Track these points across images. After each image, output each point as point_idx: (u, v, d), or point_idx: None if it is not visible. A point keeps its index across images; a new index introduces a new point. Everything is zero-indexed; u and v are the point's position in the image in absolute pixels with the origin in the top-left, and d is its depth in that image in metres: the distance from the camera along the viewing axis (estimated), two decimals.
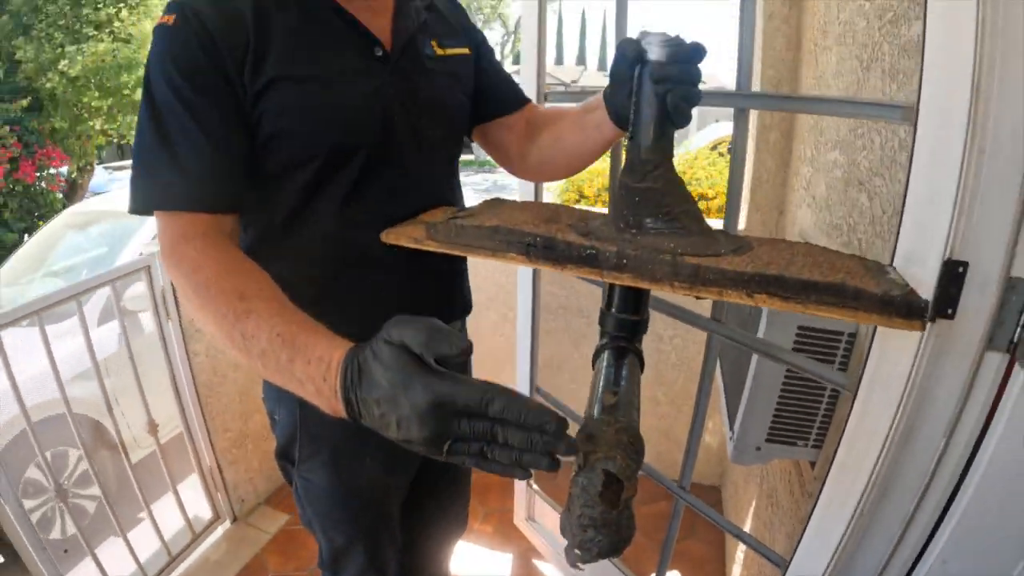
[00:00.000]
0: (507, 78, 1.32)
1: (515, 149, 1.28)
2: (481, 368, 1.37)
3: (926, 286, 0.88)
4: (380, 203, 1.07)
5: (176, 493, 2.49)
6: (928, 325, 0.90)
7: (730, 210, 1.38)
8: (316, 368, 0.73)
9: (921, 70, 0.89)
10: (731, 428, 1.62)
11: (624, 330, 0.89)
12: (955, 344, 0.92)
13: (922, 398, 0.95)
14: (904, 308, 0.72)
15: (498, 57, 1.38)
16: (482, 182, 20.02)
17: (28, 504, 3.06)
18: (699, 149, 7.86)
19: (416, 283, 1.14)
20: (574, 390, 1.25)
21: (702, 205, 5.53)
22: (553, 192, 6.56)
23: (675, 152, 0.89)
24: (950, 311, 0.90)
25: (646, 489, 2.46)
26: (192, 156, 0.93)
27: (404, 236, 0.99)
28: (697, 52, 0.84)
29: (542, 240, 0.85)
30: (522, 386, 2.02)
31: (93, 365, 2.15)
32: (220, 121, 0.94)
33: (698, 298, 0.82)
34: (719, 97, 1.45)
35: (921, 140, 0.89)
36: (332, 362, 0.72)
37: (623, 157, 0.94)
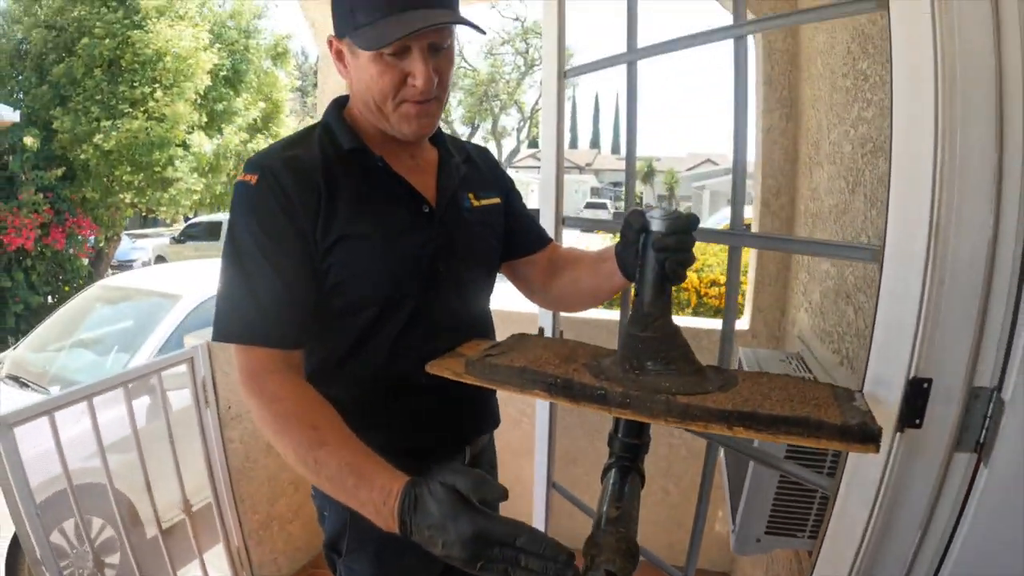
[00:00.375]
0: (532, 220, 1.50)
1: (538, 283, 1.44)
2: (500, 460, 1.52)
3: (893, 402, 1.00)
4: (426, 339, 1.21)
5: (203, 564, 2.55)
6: (897, 435, 1.03)
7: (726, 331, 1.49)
8: (379, 495, 0.90)
9: (886, 215, 1.02)
10: (733, 521, 1.69)
11: (628, 452, 1.04)
12: (925, 448, 1.04)
13: (896, 497, 1.06)
14: (859, 435, 0.84)
15: (514, 142, 1.55)
16: None
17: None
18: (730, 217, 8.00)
19: (454, 405, 1.26)
20: (588, 482, 1.32)
21: (714, 291, 5.63)
22: None
23: None
24: (917, 421, 1.03)
25: None
26: (270, 299, 1.08)
27: (446, 369, 1.13)
28: (691, 223, 1.01)
29: (561, 381, 1.00)
30: (539, 480, 2.11)
31: (138, 454, 2.28)
32: (294, 269, 1.10)
33: (687, 430, 0.96)
34: (717, 235, 1.59)
35: (886, 278, 1.01)
36: (392, 491, 0.89)
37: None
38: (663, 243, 0.98)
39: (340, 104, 1.27)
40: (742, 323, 2.67)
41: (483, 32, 1.20)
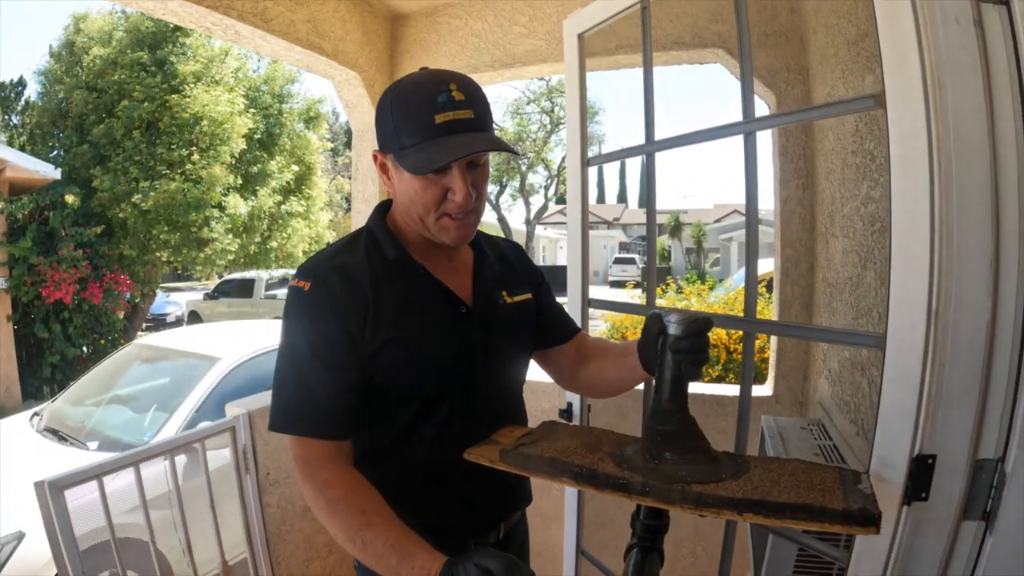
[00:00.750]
0: (561, 312, 1.59)
1: (567, 371, 1.55)
2: (532, 525, 1.59)
3: (899, 478, 1.07)
4: (466, 429, 1.29)
5: None
6: (904, 508, 1.09)
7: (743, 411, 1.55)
8: (419, 573, 1.00)
9: (888, 303, 1.09)
10: None
11: (649, 533, 1.12)
12: (932, 519, 1.10)
13: (906, 567, 1.13)
14: (860, 520, 0.91)
15: (542, 199, 1.64)
16: None
17: None
18: (739, 289, 8.03)
19: (489, 487, 1.35)
20: (617, 545, 1.35)
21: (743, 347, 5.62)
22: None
23: (718, 291, 1.15)
24: (924, 494, 1.10)
25: None
26: (322, 395, 1.18)
27: (482, 457, 1.22)
28: (705, 326, 1.10)
29: (587, 471, 1.10)
30: (568, 547, 2.16)
31: (179, 514, 2.37)
32: (344, 369, 1.20)
33: (701, 516, 1.04)
34: (733, 322, 1.66)
35: (889, 364, 1.09)
36: (432, 571, 0.99)
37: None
38: (679, 346, 1.08)
39: (383, 209, 1.38)
40: (765, 389, 2.71)
41: (518, 154, 1.32)
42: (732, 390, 2.78)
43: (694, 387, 2.87)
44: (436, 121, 1.14)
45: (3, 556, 3.22)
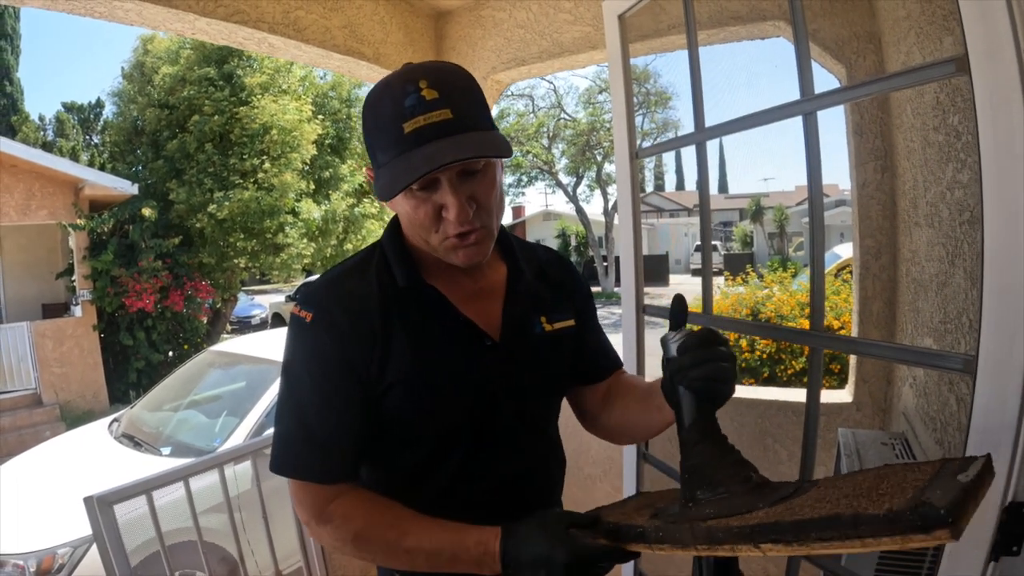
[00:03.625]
0: (604, 344, 1.37)
1: (591, 411, 1.34)
2: None
3: (987, 529, 0.87)
4: (487, 468, 1.15)
5: None
6: (991, 564, 0.88)
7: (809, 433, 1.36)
8: (475, 549, 0.97)
9: (979, 319, 0.89)
10: None
11: None
12: None
13: None
14: (911, 524, 0.64)
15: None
16: (608, 316, 19.92)
17: None
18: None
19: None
20: (680, 561, 1.21)
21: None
22: None
23: (801, 278, 0.96)
24: (1015, 548, 0.90)
25: None
26: (324, 436, 1.07)
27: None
28: (704, 338, 0.96)
29: (612, 527, 0.94)
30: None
31: (230, 518, 2.34)
32: (348, 408, 1.08)
33: (717, 559, 0.91)
34: (796, 336, 1.47)
35: (980, 393, 0.88)
36: (488, 541, 0.96)
37: None
38: (677, 364, 0.96)
39: (399, 227, 1.18)
40: (844, 395, 2.47)
41: (507, 155, 1.03)
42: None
43: (765, 393, 2.68)
44: (405, 131, 0.97)
45: (75, 558, 3.34)
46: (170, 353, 11.24)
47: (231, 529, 2.36)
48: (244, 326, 17.37)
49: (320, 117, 12.52)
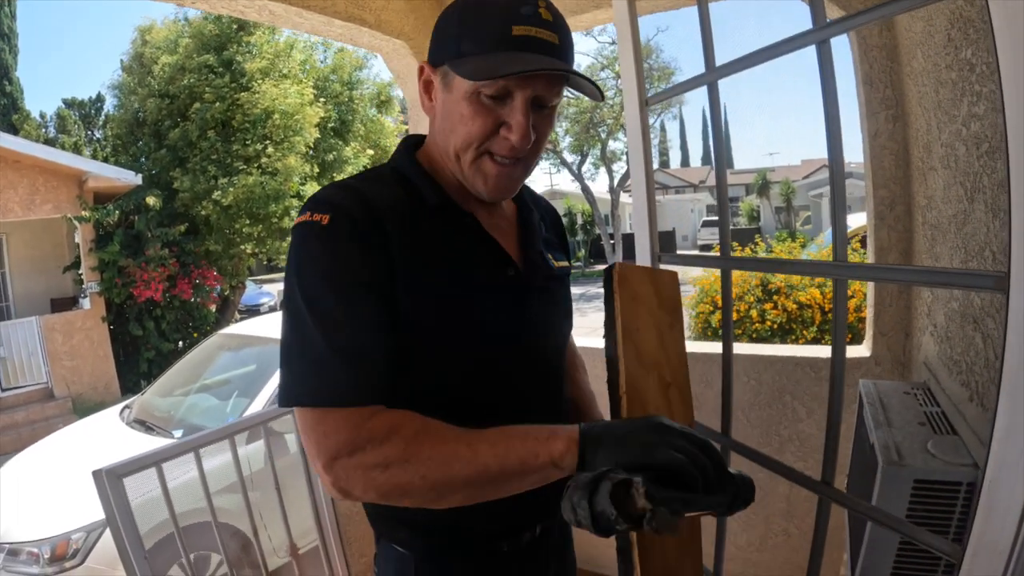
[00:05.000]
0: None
1: None
2: None
3: None
4: (511, 409, 1.02)
5: None
6: None
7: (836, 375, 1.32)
8: (556, 438, 0.86)
9: (1009, 236, 0.84)
10: None
11: None
12: None
13: None
14: None
15: (624, 167, 1.43)
16: None
17: None
18: (832, 246, 7.60)
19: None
20: None
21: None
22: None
23: (810, 249, 0.92)
24: None
25: None
26: (354, 349, 0.92)
27: None
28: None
29: None
30: None
31: (242, 491, 2.31)
32: (376, 316, 0.95)
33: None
34: (817, 267, 1.42)
35: (1015, 309, 0.84)
36: (573, 429, 0.86)
37: None
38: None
39: (412, 146, 1.14)
40: (862, 350, 2.42)
41: (602, 97, 1.04)
42: (826, 351, 2.50)
43: (783, 350, 2.64)
44: (513, 32, 0.91)
45: (89, 543, 3.37)
46: (180, 342, 11.28)
47: (245, 507, 2.33)
48: (253, 314, 17.40)
49: (322, 100, 12.48)
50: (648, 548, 0.90)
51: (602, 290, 1.26)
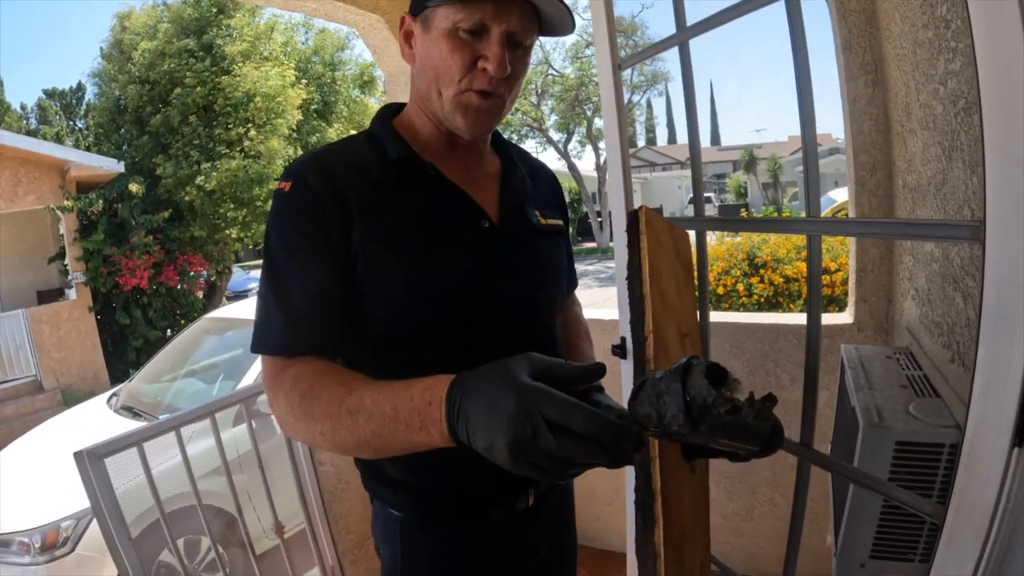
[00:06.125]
0: (572, 263, 1.38)
1: None
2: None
3: (1007, 411, 0.81)
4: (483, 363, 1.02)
5: None
6: (1015, 450, 0.82)
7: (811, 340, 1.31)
8: (420, 397, 0.79)
9: (983, 187, 0.82)
10: (835, 544, 1.50)
11: None
12: None
13: (1016, 524, 0.85)
14: None
15: None
16: (604, 270, 19.98)
17: None
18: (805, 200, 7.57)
19: None
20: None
21: (825, 279, 5.31)
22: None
23: None
24: None
25: None
26: (303, 305, 0.99)
27: None
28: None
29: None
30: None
31: (226, 472, 2.27)
32: (324, 276, 1.00)
33: None
34: (788, 224, 1.41)
35: (991, 260, 0.82)
36: (438, 387, 0.78)
37: None
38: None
39: (390, 112, 1.18)
40: (844, 317, 2.42)
41: (573, 25, 1.07)
42: (803, 319, 2.49)
43: (765, 318, 2.63)
44: None
45: (79, 530, 3.36)
46: (168, 330, 11.19)
47: (229, 487, 2.31)
48: (240, 299, 17.31)
49: (304, 82, 12.36)
50: (670, 503, 0.88)
51: (590, 267, 1.24)
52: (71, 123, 20.81)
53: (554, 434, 0.67)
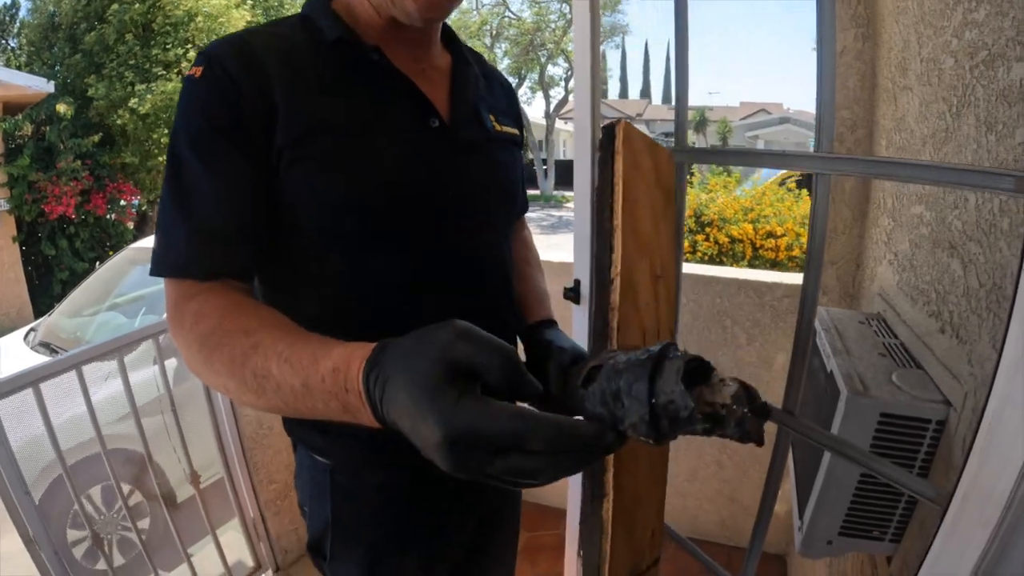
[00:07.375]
0: (523, 182, 1.23)
1: None
2: None
3: None
4: (428, 281, 0.95)
5: (216, 539, 2.41)
6: None
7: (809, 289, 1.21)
8: (333, 381, 0.64)
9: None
10: (800, 518, 1.43)
11: None
12: None
13: (1019, 518, 0.78)
14: None
15: (562, 92, 1.28)
16: (546, 218, 19.96)
17: (76, 535, 3.16)
18: (767, 184, 7.59)
19: None
20: None
21: (770, 243, 5.31)
22: None
23: (745, 186, 0.75)
24: None
25: None
26: (209, 215, 0.83)
27: None
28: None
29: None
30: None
31: (134, 413, 2.10)
32: (239, 178, 0.84)
33: None
34: (801, 160, 1.31)
35: None
36: (348, 373, 0.63)
37: None
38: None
39: None
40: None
41: None
42: (770, 276, 2.42)
43: (723, 271, 2.55)
44: None
45: None
46: (96, 262, 10.69)
47: (139, 431, 2.13)
48: None
49: (249, 3, 11.80)
50: (622, 471, 0.76)
51: (532, 214, 1.11)
52: (3, 42, 19.60)
53: (505, 453, 0.54)
